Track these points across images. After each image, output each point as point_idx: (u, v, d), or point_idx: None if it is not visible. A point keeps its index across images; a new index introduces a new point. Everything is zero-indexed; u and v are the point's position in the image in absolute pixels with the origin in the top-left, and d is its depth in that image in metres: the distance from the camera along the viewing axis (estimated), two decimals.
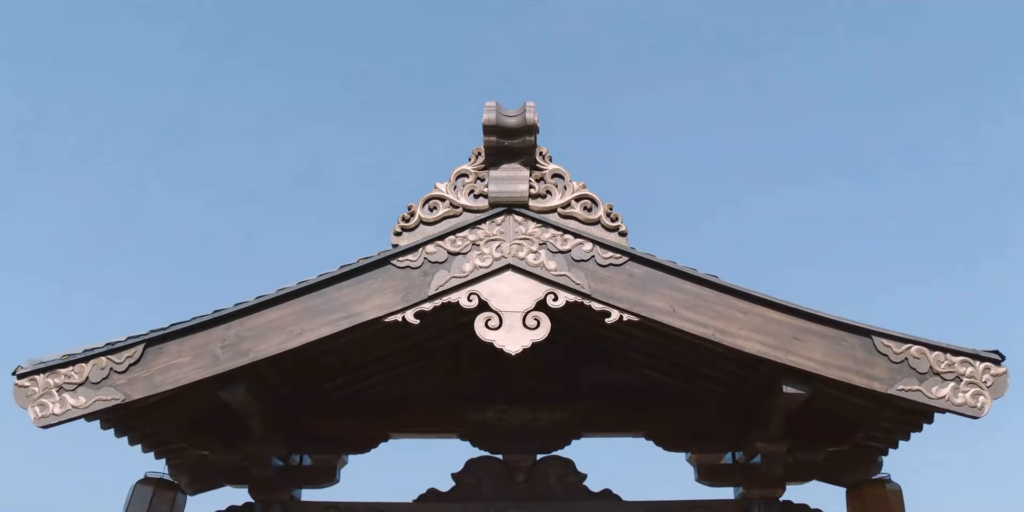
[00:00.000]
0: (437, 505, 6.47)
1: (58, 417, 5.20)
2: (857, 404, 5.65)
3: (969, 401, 5.15)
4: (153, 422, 5.93)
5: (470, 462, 6.63)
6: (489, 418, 6.61)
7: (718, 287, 5.45)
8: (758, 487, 6.27)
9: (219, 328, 5.40)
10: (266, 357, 5.38)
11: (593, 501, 6.46)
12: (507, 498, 6.46)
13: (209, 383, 5.42)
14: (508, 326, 5.38)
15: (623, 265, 5.50)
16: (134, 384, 5.28)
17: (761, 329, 5.37)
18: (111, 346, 5.33)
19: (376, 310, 5.44)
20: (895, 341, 5.27)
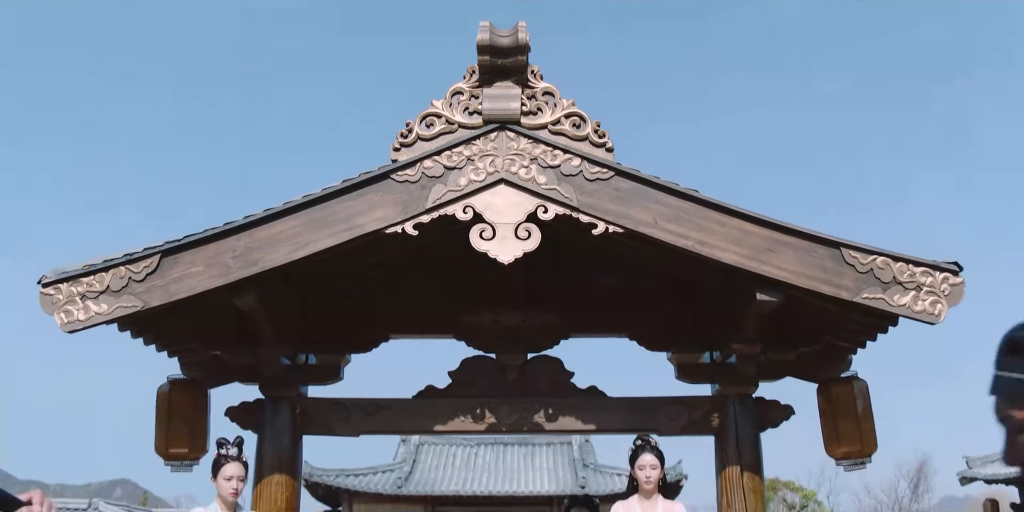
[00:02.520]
0: (434, 401, 6.90)
1: (83, 323, 5.57)
2: (826, 309, 6.01)
3: (928, 308, 5.53)
4: (168, 325, 6.30)
5: (465, 361, 7.04)
6: (483, 320, 6.99)
7: (698, 201, 5.76)
8: (733, 384, 6.70)
9: (230, 239, 5.72)
10: (274, 266, 5.73)
11: (579, 397, 6.89)
12: (499, 394, 6.88)
13: (221, 291, 5.77)
14: (501, 237, 5.71)
15: (609, 180, 5.79)
16: (151, 292, 5.63)
17: (738, 240, 5.70)
18: (129, 257, 5.66)
19: (377, 222, 5.75)
20: (862, 252, 5.62)
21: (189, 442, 6.67)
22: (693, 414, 6.78)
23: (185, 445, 6.66)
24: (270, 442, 6.60)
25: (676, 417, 6.79)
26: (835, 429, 6.59)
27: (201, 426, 6.76)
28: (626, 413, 6.89)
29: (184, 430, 6.65)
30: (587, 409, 6.87)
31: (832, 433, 6.62)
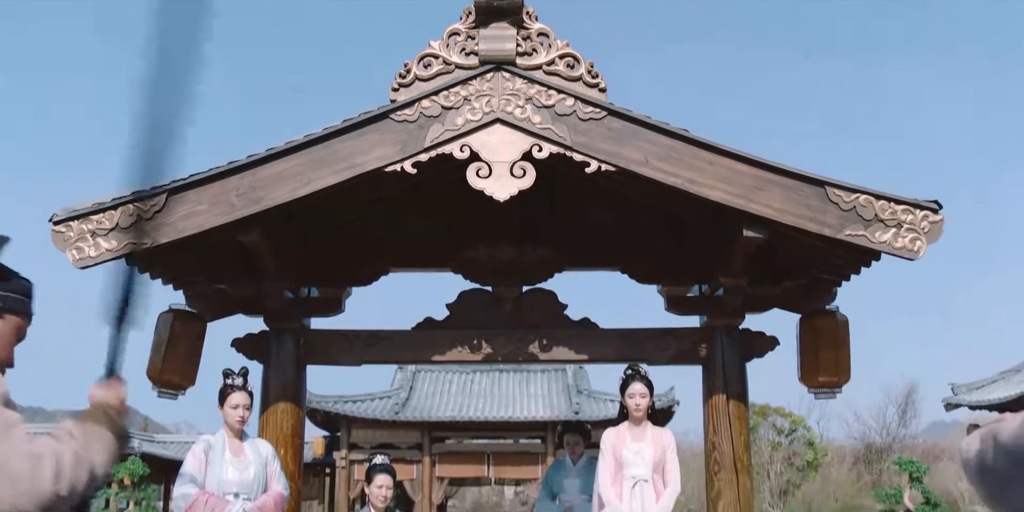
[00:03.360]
0: (433, 332, 7.15)
1: (94, 259, 5.77)
2: (811, 245, 6.22)
3: (907, 245, 5.75)
4: (174, 261, 6.49)
5: (462, 294, 7.27)
6: (480, 254, 7.20)
7: (688, 140, 5.93)
8: (720, 316, 6.95)
9: (234, 178, 5.90)
10: (277, 204, 5.92)
11: (573, 329, 7.15)
12: (495, 326, 7.13)
13: (226, 228, 5.96)
14: (497, 175, 5.89)
15: (602, 119, 5.95)
16: (159, 229, 5.82)
17: (726, 179, 5.89)
18: (137, 195, 5.81)
19: (376, 161, 5.92)
20: (845, 191, 5.82)
21: (182, 371, 6.83)
22: (681, 345, 7.04)
23: (177, 374, 6.82)
24: (275, 372, 6.86)
25: (665, 348, 7.06)
26: (813, 360, 6.86)
27: (195, 358, 6.93)
28: (617, 344, 7.15)
29: (178, 359, 6.80)
30: (580, 340, 7.13)
31: (809, 363, 6.89)
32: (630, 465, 6.44)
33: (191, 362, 6.83)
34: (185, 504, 5.82)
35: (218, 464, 5.91)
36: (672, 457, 6.57)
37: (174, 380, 6.77)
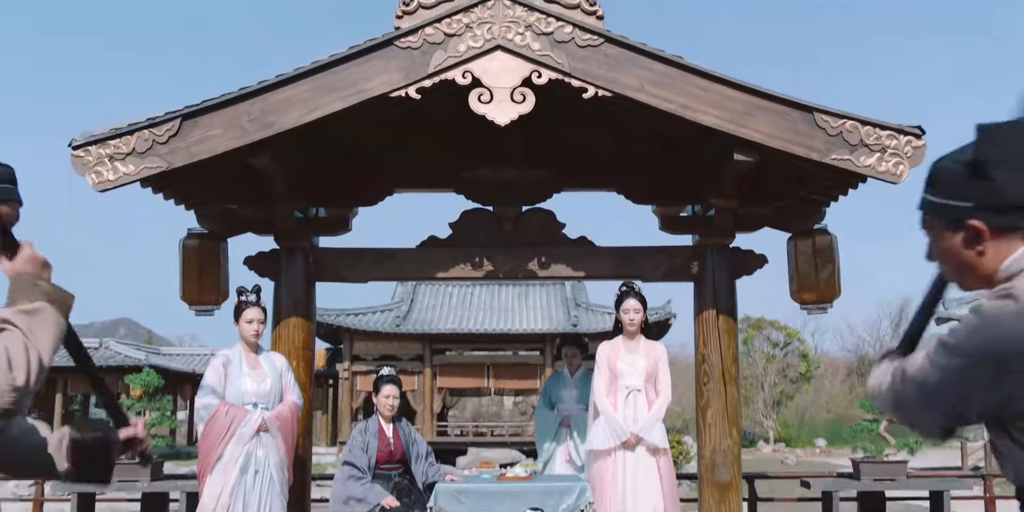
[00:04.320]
0: (436, 250, 7.44)
1: (112, 182, 6.04)
2: (799, 167, 6.48)
3: (891, 169, 6.01)
4: (188, 182, 6.77)
5: (465, 213, 7.53)
6: (481, 175, 7.45)
7: (682, 67, 6.14)
8: (712, 235, 7.22)
9: (245, 103, 6.13)
10: (287, 128, 6.16)
11: (570, 247, 7.44)
12: (496, 244, 7.41)
13: (238, 151, 6.21)
14: (498, 100, 6.11)
15: (599, 46, 6.15)
16: (175, 153, 6.08)
17: (718, 104, 6.12)
18: (152, 120, 6.08)
19: (382, 87, 6.14)
20: (832, 117, 6.05)
21: (211, 288, 7.19)
22: (674, 262, 7.33)
23: (208, 291, 7.19)
24: (286, 288, 7.18)
25: (659, 265, 7.36)
26: (802, 277, 7.18)
27: (221, 274, 7.28)
28: (613, 261, 7.44)
29: (206, 279, 7.17)
30: (577, 257, 7.41)
31: (799, 280, 7.21)
32: (624, 376, 6.82)
33: (217, 279, 7.17)
34: (207, 414, 6.22)
35: (237, 376, 6.28)
36: (664, 368, 6.96)
37: (206, 298, 7.13)
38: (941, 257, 2.04)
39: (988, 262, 1.93)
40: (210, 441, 6.20)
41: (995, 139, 1.92)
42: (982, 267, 1.95)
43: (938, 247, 2.02)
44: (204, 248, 7.16)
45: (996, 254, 1.92)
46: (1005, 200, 1.89)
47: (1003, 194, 1.89)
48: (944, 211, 1.97)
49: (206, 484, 6.17)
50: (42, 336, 2.08)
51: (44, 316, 2.12)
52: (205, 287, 7.20)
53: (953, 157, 1.99)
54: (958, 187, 1.94)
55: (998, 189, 1.89)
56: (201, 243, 7.16)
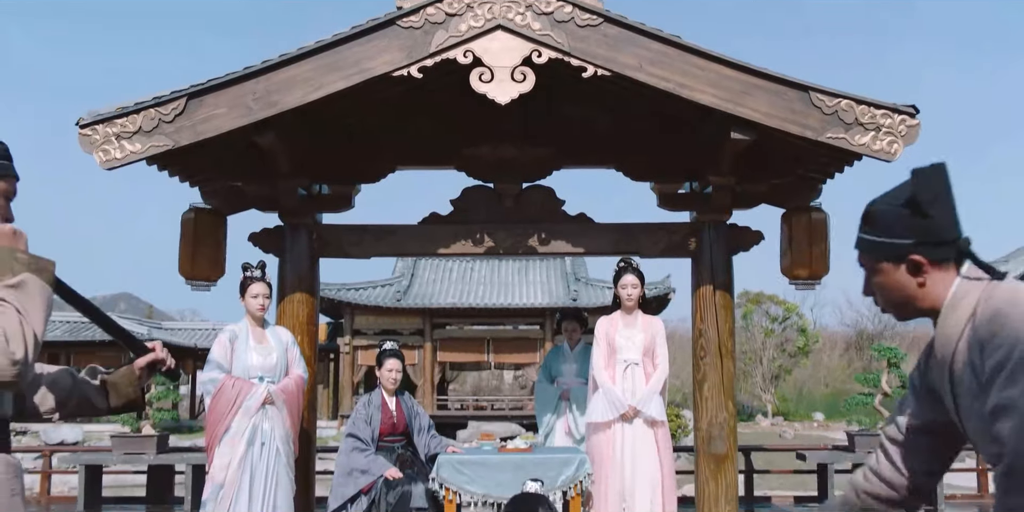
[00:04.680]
0: (437, 226, 7.55)
1: (119, 161, 6.14)
2: (795, 145, 6.57)
3: (885, 148, 6.11)
4: (193, 160, 6.88)
5: (466, 190, 7.64)
6: (482, 152, 7.54)
7: (680, 46, 6.22)
8: (709, 212, 7.32)
9: (250, 82, 6.22)
10: (291, 107, 6.26)
11: (569, 223, 7.55)
12: (496, 220, 7.52)
13: (243, 130, 6.31)
14: (498, 79, 6.20)
15: (599, 26, 6.23)
16: (180, 132, 6.18)
17: (715, 84, 6.21)
18: (158, 99, 6.18)
19: (384, 66, 6.23)
20: (828, 96, 6.15)
21: (209, 264, 7.28)
22: (672, 239, 7.44)
23: (206, 267, 7.27)
24: (291, 264, 7.30)
25: (657, 241, 7.47)
26: (792, 253, 7.30)
27: (220, 250, 7.36)
28: (612, 237, 7.55)
29: (205, 254, 7.25)
30: (576, 234, 7.53)
31: (790, 256, 7.33)
32: (622, 350, 6.96)
33: (216, 255, 7.26)
34: (214, 387, 6.35)
35: (243, 351, 6.41)
36: (661, 342, 7.09)
37: (204, 273, 7.22)
38: (881, 291, 2.22)
39: (928, 293, 2.13)
40: (217, 413, 6.33)
41: (927, 180, 2.11)
42: (922, 298, 2.14)
43: (878, 282, 2.21)
44: (205, 224, 7.25)
45: (935, 285, 2.12)
46: (941, 235, 2.10)
47: (939, 230, 2.10)
48: (884, 248, 2.16)
49: (215, 455, 6.31)
50: (33, 308, 2.16)
51: (30, 287, 2.19)
52: (204, 262, 7.27)
53: (886, 200, 2.18)
54: (898, 226, 2.13)
55: (935, 226, 2.10)
56: (202, 218, 7.25)
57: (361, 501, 6.68)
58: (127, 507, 10.58)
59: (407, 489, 6.64)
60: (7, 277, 2.19)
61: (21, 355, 2.08)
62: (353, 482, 6.71)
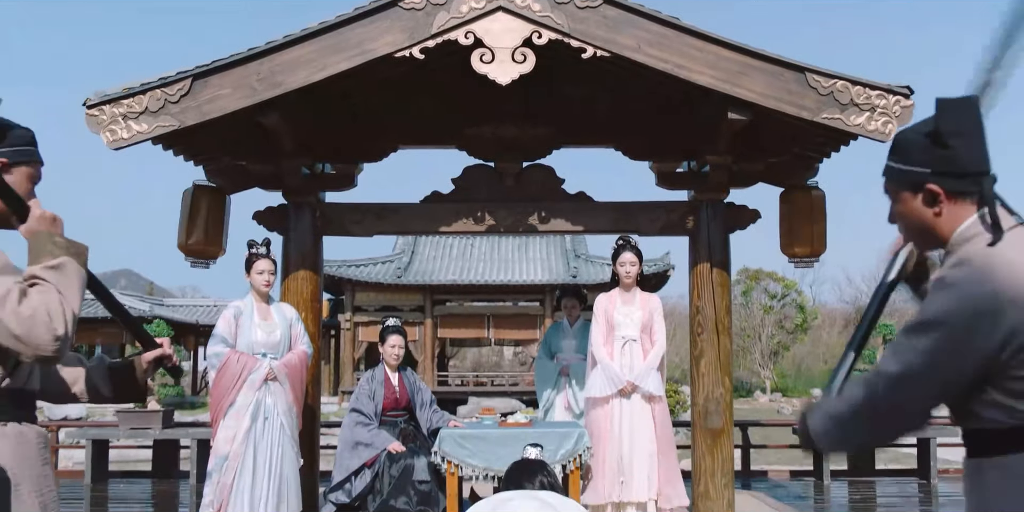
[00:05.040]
0: (439, 205, 7.65)
1: (126, 141, 6.23)
2: (791, 125, 6.65)
3: (880, 128, 6.19)
4: (197, 139, 6.96)
5: (467, 169, 7.73)
6: (484, 132, 7.64)
7: (678, 27, 6.30)
8: (707, 191, 7.41)
9: (254, 63, 6.31)
10: (295, 88, 6.34)
11: (569, 202, 7.65)
12: (497, 199, 7.62)
13: (248, 110, 6.40)
14: (499, 60, 6.28)
15: (598, 7, 6.29)
16: (186, 112, 6.27)
17: (713, 65, 6.29)
18: (164, 80, 6.26)
19: (387, 47, 6.31)
20: (824, 77, 6.24)
21: (210, 241, 7.35)
22: (670, 217, 7.55)
23: (206, 244, 7.34)
24: (294, 242, 7.41)
25: (655, 219, 7.57)
26: (791, 231, 7.42)
27: (221, 228, 7.44)
28: (611, 215, 7.66)
29: (206, 231, 7.31)
30: (576, 212, 7.62)
31: (788, 235, 7.45)
32: (620, 327, 7.08)
33: (217, 232, 7.35)
34: (218, 362, 6.47)
35: (248, 327, 6.53)
36: (659, 319, 7.21)
37: (204, 250, 7.31)
38: (902, 220, 2.27)
39: (944, 224, 2.15)
40: (222, 388, 6.45)
41: (953, 112, 2.14)
42: (938, 228, 2.17)
43: (899, 210, 2.25)
44: (208, 201, 7.33)
45: (951, 216, 2.14)
46: (960, 167, 2.12)
47: (959, 161, 2.12)
48: (905, 176, 2.20)
49: (219, 428, 6.44)
50: (70, 288, 2.33)
51: (68, 269, 2.36)
52: (206, 240, 7.35)
53: (914, 128, 2.22)
54: (919, 155, 2.17)
55: (955, 157, 2.12)
56: (205, 196, 7.34)
57: (365, 474, 6.83)
58: (133, 481, 10.77)
59: (410, 462, 6.79)
60: (47, 259, 2.35)
61: (62, 331, 2.24)
62: (357, 455, 6.86)
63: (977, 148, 2.13)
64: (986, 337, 1.95)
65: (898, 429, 2.14)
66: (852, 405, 2.13)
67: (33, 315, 2.21)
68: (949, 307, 1.99)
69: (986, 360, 1.97)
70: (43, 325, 2.22)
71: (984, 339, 1.95)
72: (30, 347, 2.21)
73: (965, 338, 1.97)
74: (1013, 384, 1.99)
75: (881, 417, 2.11)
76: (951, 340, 1.97)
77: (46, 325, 2.22)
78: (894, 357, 2.06)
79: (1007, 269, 1.97)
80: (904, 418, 2.10)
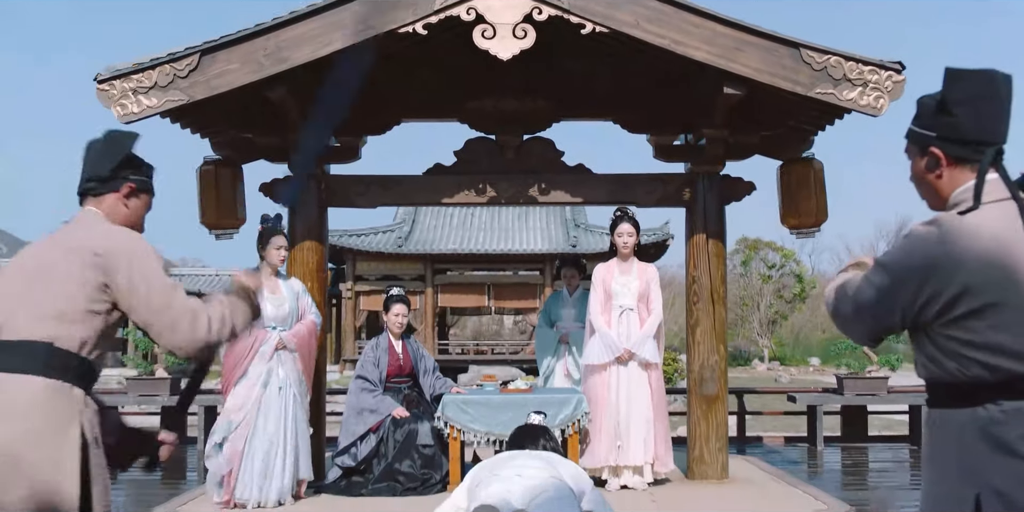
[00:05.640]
0: (442, 177, 7.82)
1: (137, 115, 6.39)
2: (786, 99, 6.80)
3: (872, 102, 6.36)
4: (205, 113, 7.12)
5: (469, 142, 7.88)
6: (485, 106, 7.80)
7: (675, 4, 6.43)
8: (703, 163, 7.58)
9: (260, 39, 6.46)
10: (301, 63, 6.50)
11: (569, 174, 7.81)
12: (498, 171, 7.79)
13: (255, 85, 6.57)
14: (500, 36, 6.43)
15: None
16: (195, 87, 6.43)
17: (709, 40, 6.44)
18: (172, 56, 6.41)
19: (390, 23, 6.45)
20: (818, 52, 6.39)
21: (230, 212, 7.58)
22: (667, 189, 7.71)
23: (227, 216, 7.57)
24: (300, 214, 7.56)
25: (652, 191, 7.74)
26: (791, 203, 7.59)
27: (238, 199, 7.65)
28: (609, 187, 7.83)
29: (224, 204, 7.54)
30: (575, 184, 7.80)
31: (788, 206, 7.62)
32: (618, 296, 7.27)
33: (234, 204, 7.54)
34: None
35: (265, 300, 6.66)
36: (655, 289, 7.39)
37: (226, 221, 7.51)
38: (913, 178, 2.45)
39: (945, 186, 2.33)
40: (235, 358, 6.60)
41: (961, 82, 2.30)
42: (939, 189, 2.35)
43: (912, 169, 2.44)
44: (222, 174, 7.52)
45: (951, 180, 2.32)
46: (962, 134, 2.29)
47: (961, 129, 2.29)
48: (917, 138, 2.38)
49: (230, 396, 6.60)
50: (240, 318, 2.81)
51: (245, 308, 2.86)
52: (224, 212, 7.56)
53: (933, 94, 2.37)
54: (928, 119, 2.35)
55: (957, 124, 2.29)
56: (219, 170, 7.52)
57: (370, 439, 7.05)
58: None
59: (414, 427, 7.01)
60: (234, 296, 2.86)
61: (216, 339, 2.69)
62: (363, 421, 7.08)
63: (985, 119, 2.28)
64: (912, 292, 2.20)
65: (865, 329, 2.41)
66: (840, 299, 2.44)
67: (198, 314, 2.66)
68: (898, 257, 2.25)
69: (903, 311, 2.24)
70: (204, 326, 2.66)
71: (909, 293, 2.20)
72: (181, 338, 2.65)
73: (898, 287, 2.23)
74: (944, 342, 2.21)
75: (851, 318, 2.41)
76: (893, 283, 2.24)
77: (206, 327, 2.66)
78: (863, 281, 2.34)
79: (965, 240, 2.16)
80: (867, 324, 2.38)
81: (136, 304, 2.62)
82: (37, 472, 2.46)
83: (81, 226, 2.80)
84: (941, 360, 2.22)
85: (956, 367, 2.19)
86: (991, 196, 2.23)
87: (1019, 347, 2.13)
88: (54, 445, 2.49)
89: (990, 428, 2.15)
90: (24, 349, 2.56)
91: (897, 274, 2.24)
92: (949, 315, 2.17)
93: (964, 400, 2.20)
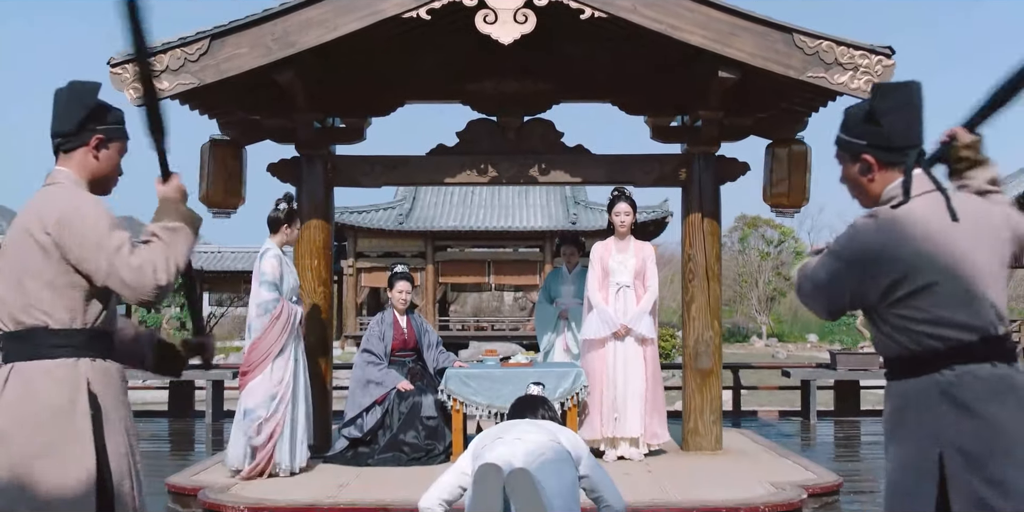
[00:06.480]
0: (444, 157, 8.02)
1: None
2: (779, 82, 7.00)
3: (862, 86, 6.54)
4: (214, 96, 7.31)
5: (471, 123, 8.08)
6: (486, 88, 7.99)
7: None
8: (699, 144, 7.78)
9: (269, 24, 6.65)
10: (308, 48, 6.69)
11: (568, 154, 8.02)
12: (500, 151, 7.99)
13: (264, 69, 6.76)
14: (502, 21, 6.61)
15: None
16: (205, 71, 6.63)
17: (704, 25, 6.63)
18: (183, 40, 6.60)
19: (395, 8, 6.64)
20: (810, 37, 6.58)
21: (229, 192, 7.78)
22: (664, 169, 7.92)
23: (226, 195, 7.77)
24: (307, 193, 7.77)
25: (649, 171, 7.95)
26: (774, 182, 7.81)
27: (239, 179, 7.86)
28: (607, 167, 8.03)
29: (225, 183, 7.73)
30: (574, 164, 8.00)
31: (771, 185, 7.84)
32: (615, 273, 7.49)
33: (236, 184, 7.75)
34: (275, 308, 6.69)
35: (289, 274, 6.89)
36: (651, 266, 7.61)
37: (224, 201, 7.71)
38: (846, 182, 2.76)
39: (876, 187, 2.65)
40: (274, 334, 6.64)
41: (887, 94, 2.60)
42: (871, 191, 2.66)
43: (844, 174, 2.74)
44: (226, 154, 7.73)
45: (882, 182, 2.63)
46: (891, 142, 2.59)
47: (889, 137, 2.59)
48: (848, 146, 2.68)
49: (270, 370, 6.60)
50: (179, 248, 2.82)
51: (181, 233, 2.86)
52: (227, 191, 7.75)
53: (859, 106, 2.70)
54: (857, 129, 2.65)
55: (885, 133, 2.59)
56: (223, 149, 7.73)
57: (375, 410, 7.29)
58: (151, 420, 11.27)
59: (417, 400, 7.25)
60: (167, 221, 2.86)
61: (164, 282, 2.73)
62: (368, 393, 7.32)
63: (908, 126, 2.59)
64: (857, 276, 2.50)
65: (821, 306, 2.69)
66: (802, 279, 2.73)
67: (141, 265, 2.70)
68: (845, 245, 2.54)
69: (851, 292, 2.54)
70: (149, 275, 2.69)
71: (854, 277, 2.51)
72: (136, 292, 2.70)
73: (844, 271, 2.53)
74: (895, 320, 2.49)
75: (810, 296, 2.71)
76: (839, 267, 2.54)
77: (152, 275, 2.71)
78: (818, 264, 2.64)
79: (900, 229, 2.46)
80: (822, 303, 2.68)
81: (92, 270, 2.71)
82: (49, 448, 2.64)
83: (40, 198, 2.85)
84: (895, 336, 2.49)
85: (909, 341, 2.46)
86: (917, 190, 2.53)
87: (960, 318, 2.42)
88: (66, 419, 2.68)
89: (950, 390, 2.41)
90: (27, 336, 2.73)
91: (843, 259, 2.54)
92: (893, 296, 2.46)
93: (922, 368, 2.45)
